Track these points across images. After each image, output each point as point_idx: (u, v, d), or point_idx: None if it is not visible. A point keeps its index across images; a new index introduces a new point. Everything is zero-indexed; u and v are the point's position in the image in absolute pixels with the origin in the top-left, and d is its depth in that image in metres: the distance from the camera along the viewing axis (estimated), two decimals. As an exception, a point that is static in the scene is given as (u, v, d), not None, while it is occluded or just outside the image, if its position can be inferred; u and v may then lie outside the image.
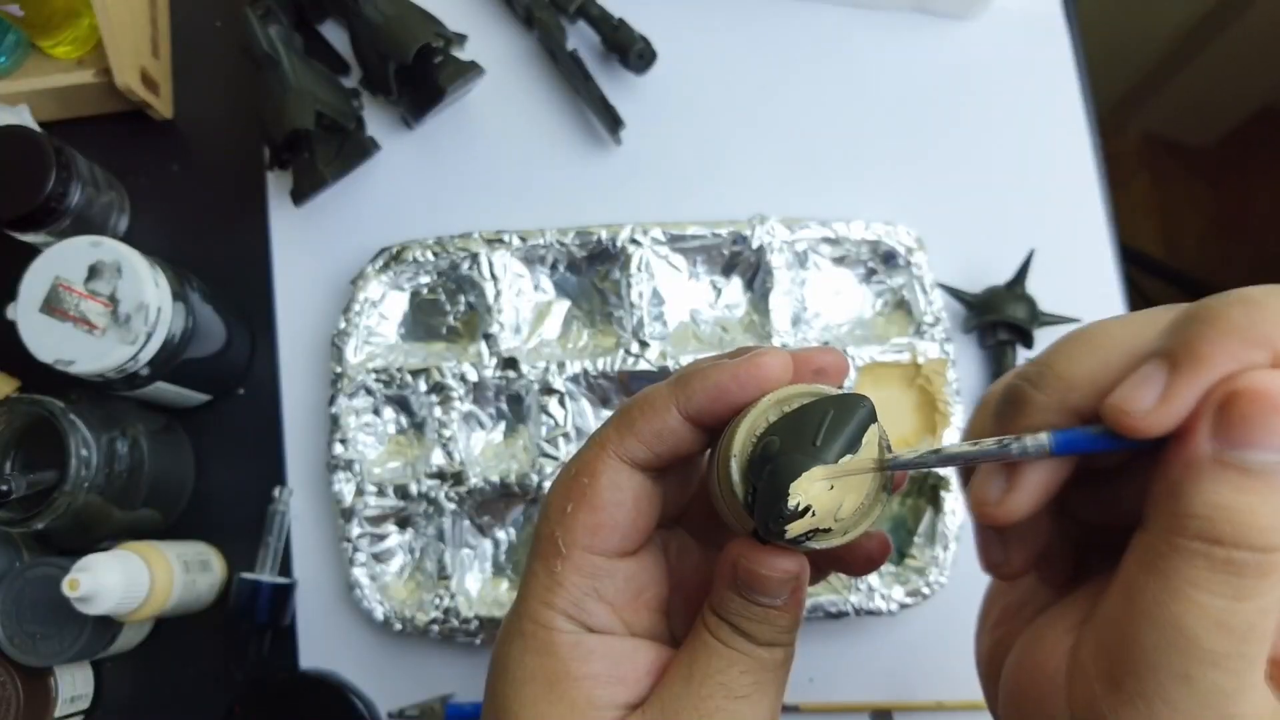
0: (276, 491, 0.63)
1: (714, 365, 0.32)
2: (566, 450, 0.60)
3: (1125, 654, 0.25)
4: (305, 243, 0.67)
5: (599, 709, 0.31)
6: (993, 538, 0.31)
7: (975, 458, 0.27)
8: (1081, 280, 0.64)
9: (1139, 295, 1.42)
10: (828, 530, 0.28)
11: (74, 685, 0.60)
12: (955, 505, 0.59)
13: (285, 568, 0.63)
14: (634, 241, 0.61)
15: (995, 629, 0.34)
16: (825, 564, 0.36)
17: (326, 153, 0.62)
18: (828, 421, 0.28)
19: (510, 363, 0.60)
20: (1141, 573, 0.25)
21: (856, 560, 0.35)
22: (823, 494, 0.28)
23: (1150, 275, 1.43)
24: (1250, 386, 0.23)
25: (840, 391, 0.29)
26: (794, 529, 0.28)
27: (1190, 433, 0.24)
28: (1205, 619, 0.24)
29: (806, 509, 0.27)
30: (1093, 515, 0.32)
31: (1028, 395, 0.28)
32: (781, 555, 0.30)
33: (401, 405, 0.63)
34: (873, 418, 0.28)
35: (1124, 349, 0.27)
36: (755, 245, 0.61)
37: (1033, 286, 0.62)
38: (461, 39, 0.66)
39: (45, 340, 0.54)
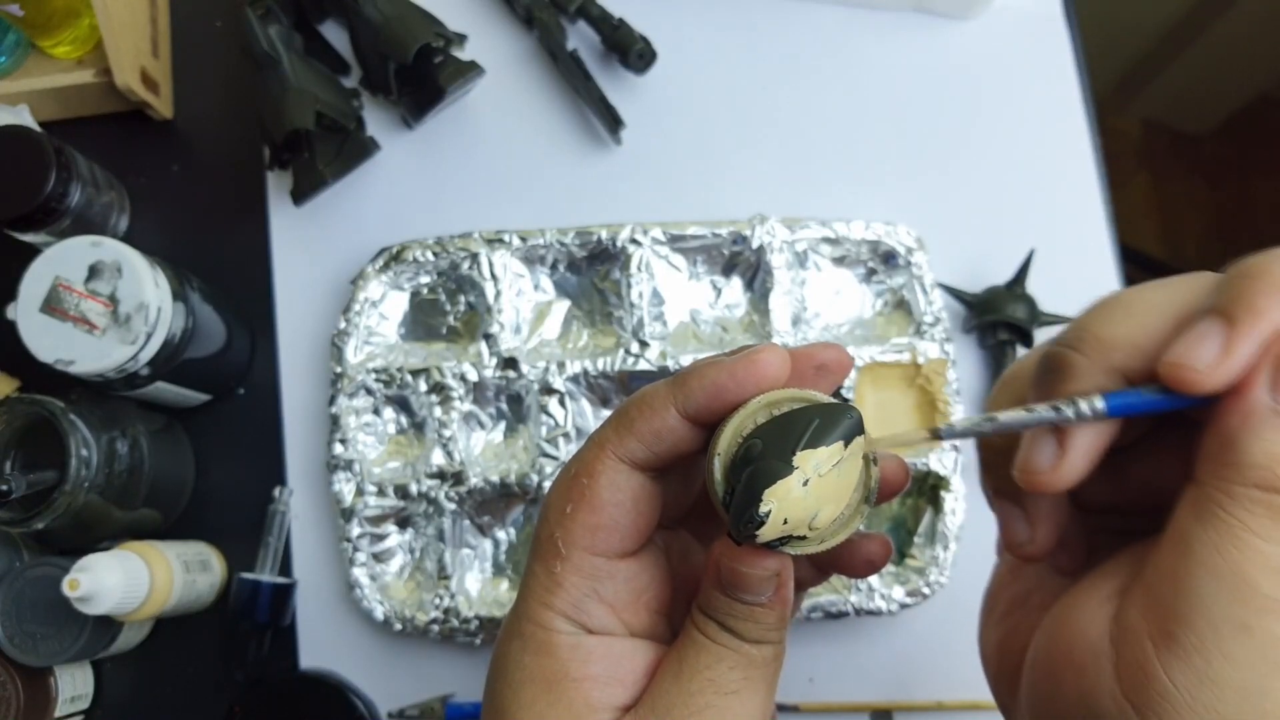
0: (277, 491, 0.63)
1: (712, 363, 0.32)
2: (566, 450, 0.60)
3: (1181, 606, 0.25)
4: (305, 242, 0.67)
5: (597, 711, 0.31)
6: (1017, 516, 0.31)
7: (1031, 423, 0.27)
8: (1082, 280, 0.64)
9: (1139, 295, 1.42)
10: (802, 538, 0.28)
11: (74, 685, 0.60)
12: (955, 505, 0.59)
13: (285, 568, 0.63)
14: (634, 241, 0.61)
15: (1004, 620, 0.34)
16: (825, 565, 0.36)
17: (326, 153, 0.62)
18: (811, 430, 0.28)
19: (510, 363, 0.60)
20: (1197, 523, 0.25)
21: (857, 563, 0.35)
22: (798, 502, 0.27)
23: (1150, 275, 1.43)
24: None
25: (831, 401, 0.29)
26: (764, 534, 0.28)
27: (1248, 385, 0.25)
28: (1267, 566, 0.24)
29: (776, 516, 0.27)
30: (1102, 495, 0.31)
31: (1069, 359, 0.28)
32: (762, 554, 0.30)
33: (401, 405, 0.63)
34: (859, 429, 0.28)
35: (1163, 309, 0.27)
36: (755, 245, 0.61)
37: (1033, 286, 0.62)
38: (462, 39, 0.66)
39: (45, 340, 0.54)
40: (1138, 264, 1.40)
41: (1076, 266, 0.65)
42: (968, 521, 0.59)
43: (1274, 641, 0.24)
